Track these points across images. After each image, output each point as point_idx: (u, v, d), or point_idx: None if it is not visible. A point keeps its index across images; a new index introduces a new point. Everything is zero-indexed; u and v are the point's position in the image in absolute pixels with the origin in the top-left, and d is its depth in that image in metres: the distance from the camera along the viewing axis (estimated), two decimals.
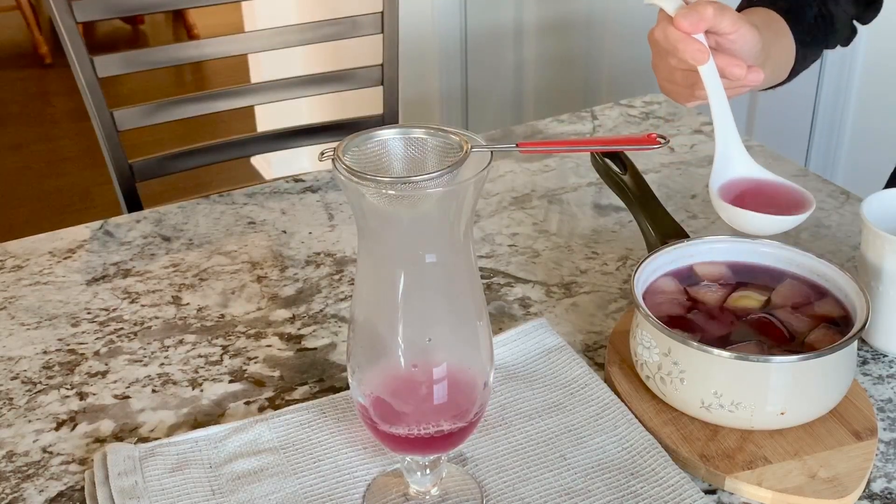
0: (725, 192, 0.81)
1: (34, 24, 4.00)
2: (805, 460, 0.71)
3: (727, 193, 0.81)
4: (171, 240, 1.03)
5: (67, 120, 3.47)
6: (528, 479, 0.70)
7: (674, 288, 0.79)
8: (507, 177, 1.14)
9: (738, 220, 0.80)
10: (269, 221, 1.06)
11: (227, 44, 1.38)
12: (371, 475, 0.71)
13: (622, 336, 0.82)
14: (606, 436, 0.73)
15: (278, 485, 0.70)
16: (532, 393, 0.78)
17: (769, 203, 0.80)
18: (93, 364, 0.84)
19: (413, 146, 0.63)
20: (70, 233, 1.04)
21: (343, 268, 0.97)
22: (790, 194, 0.81)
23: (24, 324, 0.90)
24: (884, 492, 0.70)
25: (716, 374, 0.71)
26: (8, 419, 0.78)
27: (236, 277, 0.96)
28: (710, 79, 0.80)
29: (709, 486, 0.71)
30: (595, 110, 1.29)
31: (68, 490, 0.71)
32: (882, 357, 0.83)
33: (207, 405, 0.79)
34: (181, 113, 1.38)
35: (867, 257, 0.81)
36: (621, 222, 1.04)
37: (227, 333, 0.88)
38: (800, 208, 0.79)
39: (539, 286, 0.94)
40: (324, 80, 1.44)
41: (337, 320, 0.89)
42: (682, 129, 1.24)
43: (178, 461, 0.71)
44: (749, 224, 0.79)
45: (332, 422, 0.75)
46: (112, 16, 1.33)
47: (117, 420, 0.78)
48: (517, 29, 2.07)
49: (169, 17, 4.38)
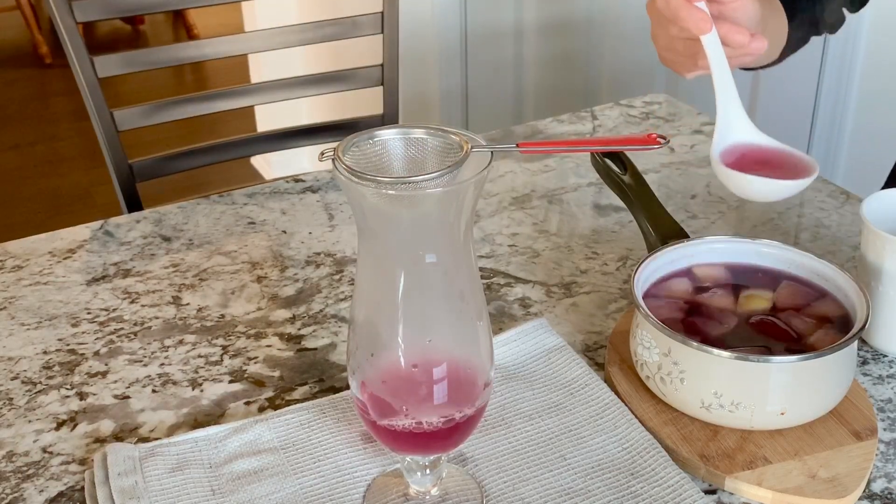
0: (727, 159, 0.79)
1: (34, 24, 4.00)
2: (805, 460, 0.71)
3: (729, 160, 0.79)
4: (171, 240, 1.03)
5: (67, 120, 3.47)
6: (528, 479, 0.70)
7: (677, 290, 0.79)
8: (507, 177, 1.14)
9: (740, 186, 0.77)
10: (269, 221, 1.06)
11: (227, 44, 1.38)
12: (371, 475, 0.71)
13: (622, 336, 0.82)
14: (606, 436, 0.73)
15: (278, 485, 0.70)
16: (532, 393, 0.78)
17: (773, 170, 0.77)
18: (93, 364, 0.84)
19: (413, 146, 0.63)
20: (70, 233, 1.04)
21: (343, 268, 0.97)
22: (794, 161, 0.79)
23: (24, 324, 0.90)
24: (884, 492, 0.70)
25: (716, 374, 0.71)
26: (8, 419, 0.78)
27: (236, 277, 0.96)
28: (712, 47, 0.79)
29: (709, 486, 0.71)
30: (595, 110, 1.29)
31: (68, 490, 0.71)
32: (882, 357, 0.83)
33: (207, 405, 0.79)
34: (181, 113, 1.38)
35: (867, 257, 0.81)
36: (621, 222, 1.04)
37: (227, 333, 0.88)
38: (803, 174, 0.77)
39: (539, 286, 0.94)
40: (324, 80, 1.44)
41: (337, 320, 0.89)
42: (682, 129, 1.24)
43: (178, 461, 0.71)
44: (752, 189, 0.77)
45: (332, 422, 0.75)
46: (112, 16, 1.33)
47: (117, 420, 0.78)
48: (517, 29, 2.07)
49: (169, 17, 4.38)
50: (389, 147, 0.63)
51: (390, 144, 0.63)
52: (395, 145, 0.63)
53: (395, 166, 0.63)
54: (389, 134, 0.63)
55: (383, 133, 0.63)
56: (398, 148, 0.63)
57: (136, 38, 4.21)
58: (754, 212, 1.06)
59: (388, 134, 0.63)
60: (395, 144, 0.63)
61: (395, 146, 0.63)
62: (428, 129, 0.63)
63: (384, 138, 0.63)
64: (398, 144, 0.63)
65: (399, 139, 0.63)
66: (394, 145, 0.63)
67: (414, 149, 0.63)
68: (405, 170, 0.63)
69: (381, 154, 0.63)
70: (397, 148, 0.63)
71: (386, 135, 0.63)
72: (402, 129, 0.63)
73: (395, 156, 0.63)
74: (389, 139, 0.63)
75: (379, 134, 0.63)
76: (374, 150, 0.63)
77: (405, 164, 0.63)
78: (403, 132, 0.63)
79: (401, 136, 0.63)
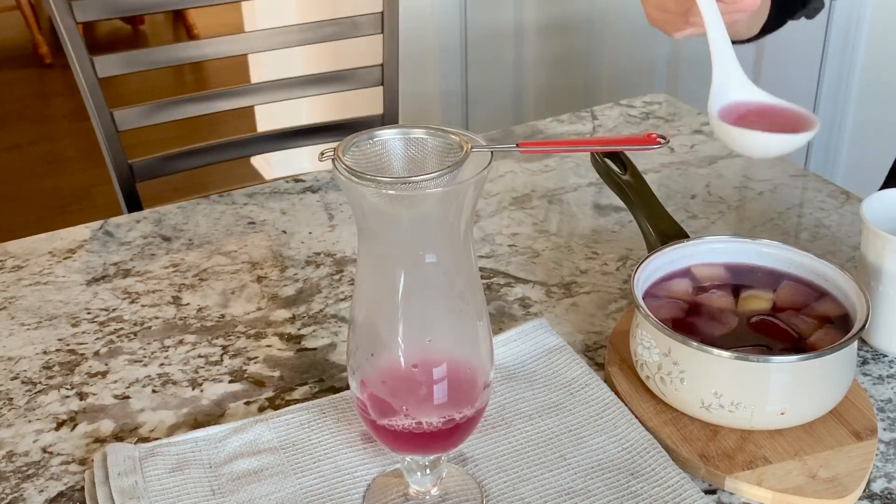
0: (725, 116, 0.77)
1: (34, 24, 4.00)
2: (805, 460, 0.71)
3: (727, 117, 0.77)
4: (171, 240, 1.03)
5: (67, 120, 3.47)
6: (528, 479, 0.70)
7: (677, 290, 0.79)
8: (507, 177, 1.14)
9: (740, 142, 0.75)
10: (269, 221, 1.06)
11: (227, 44, 1.38)
12: (371, 475, 0.71)
13: (622, 336, 0.82)
14: (606, 436, 0.73)
15: (278, 485, 0.70)
16: (532, 393, 0.78)
17: (772, 126, 0.76)
18: (93, 364, 0.84)
19: (413, 146, 0.63)
20: (70, 233, 1.04)
21: (343, 268, 0.97)
22: (792, 116, 0.77)
23: (24, 324, 0.90)
24: (884, 492, 0.70)
25: (716, 374, 0.71)
26: (8, 419, 0.78)
27: (236, 277, 0.96)
28: (705, 2, 0.77)
29: (709, 486, 0.71)
30: (595, 110, 1.29)
31: (68, 490, 0.71)
32: (882, 357, 0.83)
33: (207, 405, 0.79)
34: (181, 113, 1.38)
35: (867, 257, 0.81)
36: (621, 222, 1.04)
37: (227, 333, 0.88)
38: (803, 129, 0.75)
39: (539, 286, 0.94)
40: (324, 80, 1.44)
41: (337, 320, 0.89)
42: (682, 129, 1.24)
43: (178, 461, 0.71)
44: (752, 145, 0.75)
45: (332, 422, 0.75)
46: (112, 16, 1.33)
47: (117, 420, 0.78)
48: (517, 29, 2.07)
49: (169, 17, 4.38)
50: (389, 147, 0.63)
51: (390, 144, 0.63)
52: (395, 145, 0.63)
53: (395, 166, 0.63)
54: (389, 134, 0.63)
55: (383, 133, 0.63)
56: (398, 148, 0.63)
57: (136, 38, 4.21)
58: (754, 212, 1.06)
59: (388, 134, 0.63)
60: (395, 144, 0.63)
61: (395, 146, 0.63)
62: (428, 129, 0.63)
63: (384, 138, 0.63)
64: (398, 144, 0.63)
65: (399, 139, 0.63)
66: (394, 145, 0.63)
67: (414, 149, 0.63)
68: (405, 170, 0.63)
69: (381, 154, 0.63)
70: (397, 148, 0.63)
71: (386, 135, 0.63)
72: (402, 129, 0.63)
73: (395, 156, 0.63)
74: (389, 139, 0.63)
75: (379, 134, 0.63)
76: (374, 150, 0.63)
77: (405, 164, 0.63)
78: (403, 132, 0.63)
79: (401, 136, 0.63)
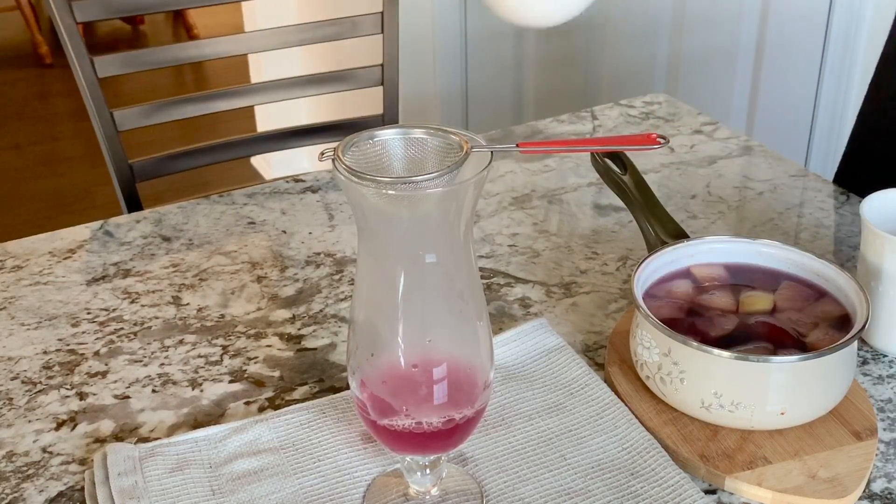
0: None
1: (34, 24, 4.00)
2: (805, 460, 0.71)
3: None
4: (171, 240, 1.03)
5: (67, 120, 3.47)
6: (528, 479, 0.70)
7: (677, 290, 0.79)
8: (507, 177, 1.14)
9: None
10: (269, 221, 1.06)
11: (227, 44, 1.38)
12: (371, 475, 0.71)
13: (622, 336, 0.82)
14: (606, 436, 0.73)
15: (278, 485, 0.70)
16: (532, 393, 0.78)
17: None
18: (93, 364, 0.84)
19: (413, 146, 0.63)
20: (70, 233, 1.04)
21: (343, 268, 0.97)
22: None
23: (24, 324, 0.90)
24: (884, 492, 0.70)
25: (716, 374, 0.71)
26: (8, 419, 0.78)
27: (236, 277, 0.96)
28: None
29: (709, 486, 0.71)
30: (595, 110, 1.29)
31: (68, 490, 0.71)
32: (882, 357, 0.83)
33: (207, 405, 0.79)
34: (181, 113, 1.38)
35: (867, 257, 0.81)
36: (621, 222, 1.04)
37: (227, 333, 0.88)
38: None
39: (539, 286, 0.94)
40: (324, 80, 1.44)
41: (337, 320, 0.89)
42: (682, 129, 1.24)
43: (178, 461, 0.71)
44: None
45: (332, 422, 0.75)
46: (112, 16, 1.33)
47: (117, 420, 0.78)
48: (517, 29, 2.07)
49: (169, 17, 4.38)
50: (389, 147, 0.63)
51: (390, 144, 0.63)
52: (395, 145, 0.63)
53: (395, 166, 0.63)
54: (389, 134, 0.63)
55: (383, 133, 0.63)
56: (398, 148, 0.63)
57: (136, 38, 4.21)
58: (754, 212, 1.06)
59: (388, 134, 0.63)
60: (395, 144, 0.63)
61: (395, 146, 0.63)
62: (428, 129, 0.63)
63: (384, 138, 0.63)
64: (398, 144, 0.63)
65: (399, 139, 0.63)
66: (394, 145, 0.63)
67: (414, 149, 0.63)
68: (405, 170, 0.63)
69: (381, 154, 0.63)
70: (397, 148, 0.63)
71: (386, 135, 0.63)
72: (402, 129, 0.63)
73: (395, 156, 0.63)
74: (389, 139, 0.63)
75: (379, 134, 0.63)
76: (374, 150, 0.63)
77: (405, 164, 0.63)
78: (403, 132, 0.63)
79: (401, 136, 0.63)
